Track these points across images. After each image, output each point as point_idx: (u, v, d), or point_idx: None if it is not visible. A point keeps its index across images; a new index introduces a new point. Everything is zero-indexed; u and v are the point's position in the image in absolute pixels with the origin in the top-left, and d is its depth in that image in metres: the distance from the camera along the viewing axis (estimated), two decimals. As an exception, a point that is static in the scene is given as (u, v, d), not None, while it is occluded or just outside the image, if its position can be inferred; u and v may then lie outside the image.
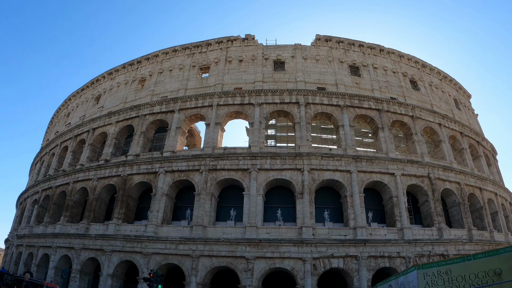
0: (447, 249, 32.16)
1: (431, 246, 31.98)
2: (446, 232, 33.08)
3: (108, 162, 39.31)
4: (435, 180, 35.68)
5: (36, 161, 59.60)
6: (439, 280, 15.22)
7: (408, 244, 31.37)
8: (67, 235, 37.80)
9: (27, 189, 55.51)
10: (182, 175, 35.13)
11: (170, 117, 39.16)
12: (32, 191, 51.07)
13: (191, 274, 30.77)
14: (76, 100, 55.08)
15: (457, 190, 37.03)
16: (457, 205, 36.93)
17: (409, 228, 32.37)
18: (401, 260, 30.77)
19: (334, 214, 34.81)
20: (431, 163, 36.49)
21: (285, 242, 30.52)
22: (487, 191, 40.64)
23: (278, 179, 33.79)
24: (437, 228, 33.29)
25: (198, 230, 31.97)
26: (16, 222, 55.84)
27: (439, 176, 36.30)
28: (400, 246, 31.31)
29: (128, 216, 36.72)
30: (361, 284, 29.60)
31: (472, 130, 46.23)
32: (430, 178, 35.57)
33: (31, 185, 53.39)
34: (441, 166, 36.89)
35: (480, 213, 38.72)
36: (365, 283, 29.51)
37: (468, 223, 35.52)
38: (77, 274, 35.51)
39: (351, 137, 36.34)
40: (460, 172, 38.03)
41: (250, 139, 36.00)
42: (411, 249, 31.27)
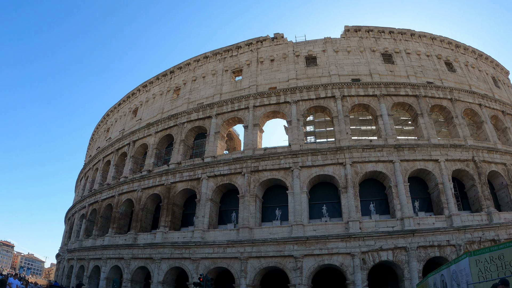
0: (498, 234, 30.66)
1: (481, 232, 30.62)
2: (495, 216, 31.61)
3: (151, 172, 40.00)
4: (480, 163, 34.23)
5: (81, 177, 61.41)
6: (492, 266, 14.61)
7: (457, 231, 30.19)
8: (116, 246, 38.64)
9: (74, 204, 57.22)
10: (224, 179, 35.33)
11: (208, 123, 39.49)
12: (79, 206, 52.57)
13: (241, 276, 30.80)
14: (114, 115, 56.49)
15: (503, 172, 35.38)
16: (505, 187, 35.28)
17: (457, 214, 31.18)
18: (451, 249, 29.68)
19: (380, 206, 34.04)
20: (475, 145, 35.06)
21: (332, 238, 30.07)
22: None
23: (321, 175, 33.40)
24: (486, 212, 31.88)
25: (244, 232, 32.00)
26: (65, 237, 57.65)
27: (484, 158, 34.83)
28: (449, 234, 30.19)
29: (174, 224, 37.22)
30: (412, 276, 28.71)
31: None
32: (475, 161, 34.18)
33: (77, 201, 55.00)
34: (485, 148, 35.36)
35: None
36: (416, 275, 28.60)
37: None
38: (128, 283, 36.25)
39: (390, 126, 35.50)
40: (505, 153, 36.38)
41: (290, 137, 35.80)
42: (460, 236, 30.10)
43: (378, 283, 31.90)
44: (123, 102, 54.84)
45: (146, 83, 51.19)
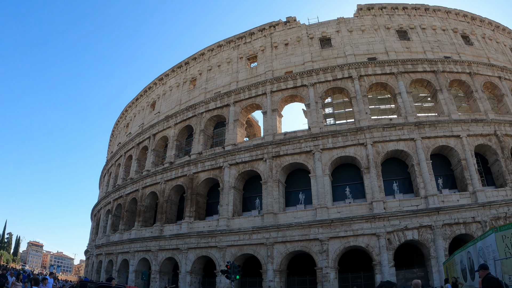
0: None
1: (507, 207, 29.87)
2: None
3: (173, 164, 40.40)
4: (503, 137, 33.39)
5: (104, 173, 62.40)
6: None
7: (482, 207, 29.60)
8: (143, 239, 39.29)
9: (99, 201, 58.27)
10: (246, 166, 35.45)
11: (226, 111, 39.58)
12: (104, 202, 53.53)
13: (267, 262, 31.01)
14: (132, 110, 57.03)
15: None
16: None
17: (482, 190, 30.52)
18: (477, 225, 29.15)
19: (403, 185, 33.67)
20: (496, 119, 34.19)
21: (357, 219, 29.95)
22: None
23: (342, 156, 33.20)
24: (511, 187, 31.19)
25: (269, 218, 32.13)
26: (93, 234, 58.82)
27: (507, 132, 33.94)
28: (474, 210, 29.64)
29: (199, 213, 37.60)
30: (438, 254, 28.40)
31: None
32: (497, 135, 33.32)
33: (102, 197, 55.99)
34: (507, 122, 34.41)
35: None
36: (442, 253, 28.29)
37: None
38: (157, 274, 36.87)
39: (410, 104, 34.96)
40: None
41: (309, 120, 35.63)
42: (486, 213, 29.48)
43: (404, 263, 31.73)
44: (140, 97, 55.32)
45: (162, 76, 51.49)
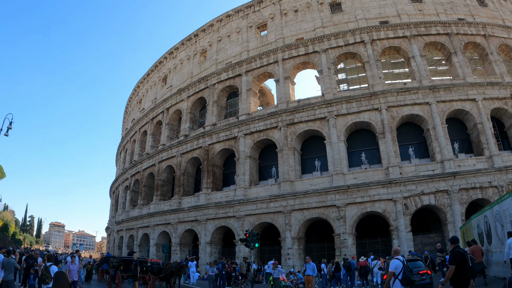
0: None
1: None
2: None
3: (188, 137, 40.57)
4: None
5: (120, 150, 63.07)
6: None
7: (499, 172, 29.13)
8: (162, 213, 39.92)
9: (116, 178, 59.11)
10: (261, 135, 35.40)
11: (239, 81, 39.30)
12: (122, 179, 54.29)
13: (285, 229, 31.33)
14: (144, 86, 57.03)
15: None
16: None
17: (498, 155, 30.02)
18: (494, 190, 28.75)
19: (419, 149, 33.33)
20: None
21: (373, 185, 29.86)
22: None
23: (357, 122, 32.87)
24: None
25: (286, 186, 32.25)
26: (112, 210, 59.93)
27: None
28: (490, 175, 29.20)
29: (216, 184, 37.92)
30: (455, 219, 28.25)
31: None
32: None
33: (120, 174, 56.75)
34: None
35: None
36: (458, 218, 28.16)
37: None
38: (177, 246, 37.60)
39: (424, 68, 34.17)
40: None
41: (322, 87, 35.20)
42: (502, 177, 29.03)
43: (421, 228, 31.74)
44: (151, 72, 55.19)
45: (172, 50, 51.14)
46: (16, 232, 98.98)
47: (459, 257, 8.32)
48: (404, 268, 8.94)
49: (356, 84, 43.22)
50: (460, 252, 8.42)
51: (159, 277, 24.57)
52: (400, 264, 9.01)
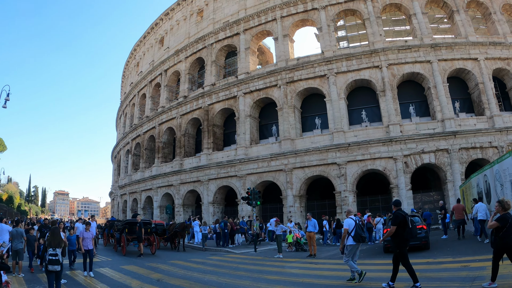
0: None
1: None
2: None
3: (187, 98, 40.27)
4: None
5: (120, 115, 62.87)
6: None
7: (499, 132, 29.17)
8: (164, 175, 40.18)
9: (117, 142, 59.23)
10: (261, 93, 35.11)
11: (237, 40, 38.57)
12: (123, 143, 54.42)
13: (287, 187, 31.60)
14: (141, 49, 56.10)
15: None
16: None
17: (499, 115, 29.92)
18: (493, 150, 28.88)
19: (420, 108, 33.14)
20: None
21: (374, 143, 29.89)
22: None
23: (357, 79, 32.51)
24: None
25: (286, 144, 32.30)
26: (115, 175, 60.34)
27: None
28: (491, 135, 29.24)
29: (217, 144, 38.01)
30: (455, 178, 28.49)
31: None
32: None
33: (120, 138, 56.83)
34: None
35: None
36: (458, 177, 28.40)
37: None
38: (180, 208, 38.11)
39: (425, 25, 33.39)
40: None
41: (322, 44, 34.59)
42: (503, 138, 29.10)
43: (421, 186, 32.04)
44: (148, 34, 54.12)
45: (168, 11, 49.91)
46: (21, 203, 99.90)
47: (400, 219, 9.06)
48: (356, 226, 10.22)
49: (356, 41, 42.46)
50: (401, 214, 9.15)
51: (163, 238, 25.00)
52: (353, 222, 10.26)
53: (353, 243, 10.27)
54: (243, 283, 11.17)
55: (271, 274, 12.90)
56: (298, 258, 18.10)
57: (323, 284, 10.22)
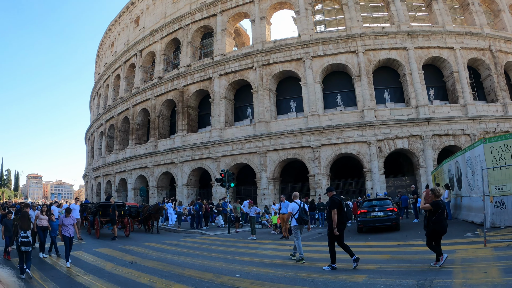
0: None
1: (496, 123, 30.49)
2: (511, 108, 31.35)
3: (162, 79, 39.66)
4: (497, 52, 32.93)
5: (93, 96, 61.55)
6: (507, 154, 14.87)
7: (472, 120, 30.10)
8: (138, 157, 39.75)
9: (91, 124, 58.11)
10: (236, 75, 34.87)
11: (213, 21, 38.00)
12: (96, 125, 53.44)
13: (261, 170, 31.72)
14: (116, 28, 54.76)
15: None
16: None
17: (473, 104, 30.83)
18: (466, 138, 29.76)
19: (395, 94, 33.62)
20: (492, 34, 33.45)
21: (348, 127, 30.25)
22: None
23: (333, 64, 32.66)
24: (502, 103, 31.41)
25: (261, 127, 32.31)
26: (89, 157, 59.32)
27: (501, 48, 33.49)
28: (464, 123, 30.11)
29: (191, 126, 37.70)
30: (427, 164, 29.31)
31: None
32: (491, 50, 32.81)
33: (94, 120, 55.76)
34: (502, 38, 33.76)
35: None
36: (430, 162, 29.21)
37: None
38: (154, 190, 37.86)
39: (403, 13, 33.81)
40: None
41: (299, 27, 34.48)
42: (475, 126, 30.05)
43: (394, 171, 32.67)
44: (123, 14, 52.82)
45: (144, -10, 48.91)
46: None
47: (337, 203, 9.68)
48: (299, 210, 11.15)
49: (333, 26, 42.49)
50: (337, 199, 9.77)
51: (137, 220, 24.80)
52: (297, 206, 11.20)
53: (296, 224, 11.29)
54: (217, 264, 11.23)
55: (244, 256, 13.01)
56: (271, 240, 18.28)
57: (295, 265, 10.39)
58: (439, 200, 9.23)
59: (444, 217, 9.28)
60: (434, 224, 9.07)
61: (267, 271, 9.89)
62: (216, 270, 10.25)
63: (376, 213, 18.16)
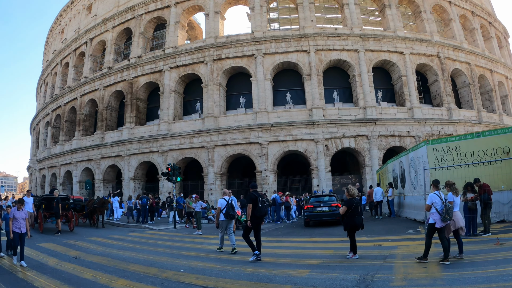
0: (456, 130, 32.17)
1: (441, 126, 32.08)
2: (455, 113, 33.03)
3: (112, 69, 38.56)
4: (445, 59, 34.71)
5: (40, 84, 59.01)
6: (448, 156, 15.64)
7: (417, 123, 31.54)
8: (84, 149, 38.49)
9: (37, 113, 55.70)
10: (187, 69, 34.42)
11: (167, 13, 37.33)
12: (42, 114, 51.28)
13: (208, 165, 31.55)
14: (68, 15, 52.75)
15: (467, 71, 36.22)
16: (467, 86, 36.37)
17: (419, 107, 32.26)
18: (411, 139, 31.09)
19: (344, 94, 34.46)
20: (441, 42, 35.20)
21: (296, 125, 30.69)
22: (498, 74, 39.84)
23: (285, 62, 32.99)
24: (447, 108, 33.12)
25: (210, 121, 32.11)
26: (33, 148, 56.88)
27: (449, 55, 35.28)
28: (410, 125, 31.47)
29: (139, 119, 36.90)
30: (373, 163, 30.39)
31: (484, 10, 43.67)
32: (439, 57, 34.54)
33: (40, 109, 53.51)
34: (451, 46, 35.63)
35: (490, 96, 38.38)
36: (376, 162, 30.27)
37: (477, 104, 35.30)
38: (101, 183, 36.79)
39: (356, 16, 34.78)
40: (470, 53, 36.88)
41: (252, 24, 34.56)
42: (420, 129, 31.50)
43: (340, 169, 33.44)
44: (75, 0, 51.16)
45: (99, -23, 47.44)
46: None
47: (253, 199, 10.35)
48: (227, 205, 11.92)
49: (287, 24, 43.04)
50: (255, 195, 10.42)
51: (82, 214, 23.98)
52: (225, 202, 11.98)
53: (223, 219, 12.04)
54: (162, 259, 11.10)
55: (189, 251, 12.95)
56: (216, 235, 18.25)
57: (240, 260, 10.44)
58: (352, 198, 10.02)
59: (358, 213, 10.03)
60: (348, 220, 9.94)
61: (212, 265, 9.89)
62: (161, 265, 10.16)
63: (321, 208, 19.40)
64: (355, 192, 10.28)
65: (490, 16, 44.55)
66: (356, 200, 10.10)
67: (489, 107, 37.74)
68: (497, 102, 38.03)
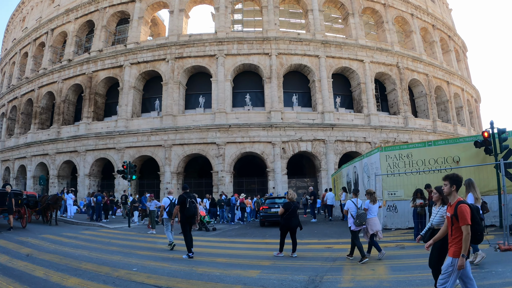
0: (412, 138, 33.26)
1: (396, 134, 33.05)
2: (411, 121, 34.19)
3: (71, 62, 37.57)
4: (404, 69, 35.82)
5: (-2, 73, 57.03)
6: (400, 163, 16.19)
7: (374, 130, 32.40)
8: (39, 143, 37.36)
9: (-7, 104, 53.72)
10: (148, 66, 33.97)
11: (131, 7, 36.70)
12: (-2, 105, 49.48)
13: (165, 163, 31.29)
14: (30, 3, 50.97)
15: (424, 82, 37.47)
16: (423, 96, 37.63)
17: (376, 114, 33.17)
18: (367, 145, 31.85)
19: (303, 98, 34.99)
20: (401, 52, 36.32)
21: (255, 126, 30.90)
22: (454, 86, 41.20)
23: (246, 64, 33.16)
24: (403, 116, 34.19)
25: (168, 120, 31.84)
26: (-13, 140, 54.75)
27: (408, 66, 36.40)
28: (366, 131, 32.28)
29: (97, 114, 36.10)
30: (328, 167, 30.94)
31: (445, 24, 45.36)
32: (398, 67, 35.61)
33: (-4, 99, 51.61)
34: (410, 56, 36.82)
35: (446, 106, 39.69)
36: (332, 166, 30.84)
37: (433, 114, 36.57)
38: (55, 179, 35.79)
39: (320, 22, 35.38)
40: (429, 64, 38.17)
41: (216, 24, 34.55)
42: (377, 135, 32.33)
43: (296, 172, 33.85)
44: (39, -13, 49.69)
45: (62, -36, 46.21)
46: None
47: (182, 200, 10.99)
48: (170, 204, 12.93)
49: (251, 26, 43.09)
50: (184, 196, 11.06)
51: (35, 211, 23.23)
52: (168, 201, 13.07)
53: (166, 217, 12.92)
54: (114, 258, 11.03)
55: (142, 250, 12.94)
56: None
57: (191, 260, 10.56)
58: (290, 202, 10.83)
59: (295, 216, 10.72)
60: (284, 221, 10.64)
61: (164, 265, 9.92)
62: (114, 263, 10.08)
63: (276, 209, 19.64)
64: (294, 197, 11.08)
65: (450, 30, 46.19)
66: (294, 204, 10.79)
67: (444, 117, 39.04)
68: (452, 113, 39.34)
